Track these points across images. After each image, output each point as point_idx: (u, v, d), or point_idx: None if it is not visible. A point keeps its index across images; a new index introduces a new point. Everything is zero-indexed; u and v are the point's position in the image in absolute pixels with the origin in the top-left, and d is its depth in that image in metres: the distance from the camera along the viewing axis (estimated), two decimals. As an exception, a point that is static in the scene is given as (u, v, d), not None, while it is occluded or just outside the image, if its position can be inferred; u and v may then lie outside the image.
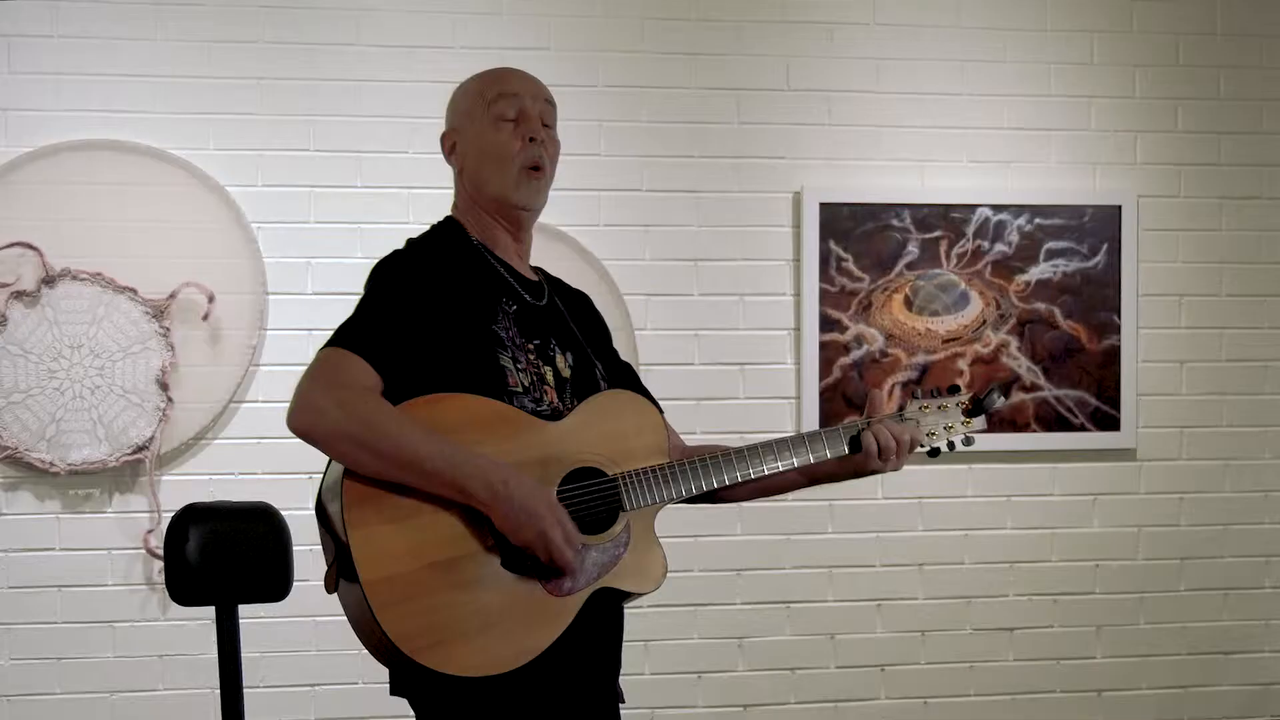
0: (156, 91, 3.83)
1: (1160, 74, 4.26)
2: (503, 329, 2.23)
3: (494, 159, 2.30)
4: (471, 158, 2.33)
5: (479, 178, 2.33)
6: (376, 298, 2.18)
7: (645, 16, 4.04)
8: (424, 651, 2.03)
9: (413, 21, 3.93)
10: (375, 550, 2.04)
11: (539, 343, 2.28)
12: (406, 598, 2.04)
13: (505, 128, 2.31)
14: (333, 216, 3.89)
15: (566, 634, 2.13)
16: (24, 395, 3.72)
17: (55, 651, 3.77)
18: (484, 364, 2.18)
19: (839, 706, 4.10)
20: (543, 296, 2.37)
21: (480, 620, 2.07)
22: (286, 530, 2.32)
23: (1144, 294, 4.22)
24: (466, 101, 2.36)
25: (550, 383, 2.26)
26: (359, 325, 2.15)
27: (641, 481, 2.23)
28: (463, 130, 2.35)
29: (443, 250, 2.28)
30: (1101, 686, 4.23)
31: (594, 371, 2.36)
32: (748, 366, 4.07)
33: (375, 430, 2.04)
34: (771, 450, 2.32)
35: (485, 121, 2.32)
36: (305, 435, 2.09)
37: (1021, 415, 4.16)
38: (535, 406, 2.21)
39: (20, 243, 3.73)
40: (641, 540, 2.22)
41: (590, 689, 2.23)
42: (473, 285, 2.25)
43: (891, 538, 4.13)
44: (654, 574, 2.24)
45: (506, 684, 2.09)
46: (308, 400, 2.08)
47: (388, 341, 2.12)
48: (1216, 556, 4.28)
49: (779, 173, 4.08)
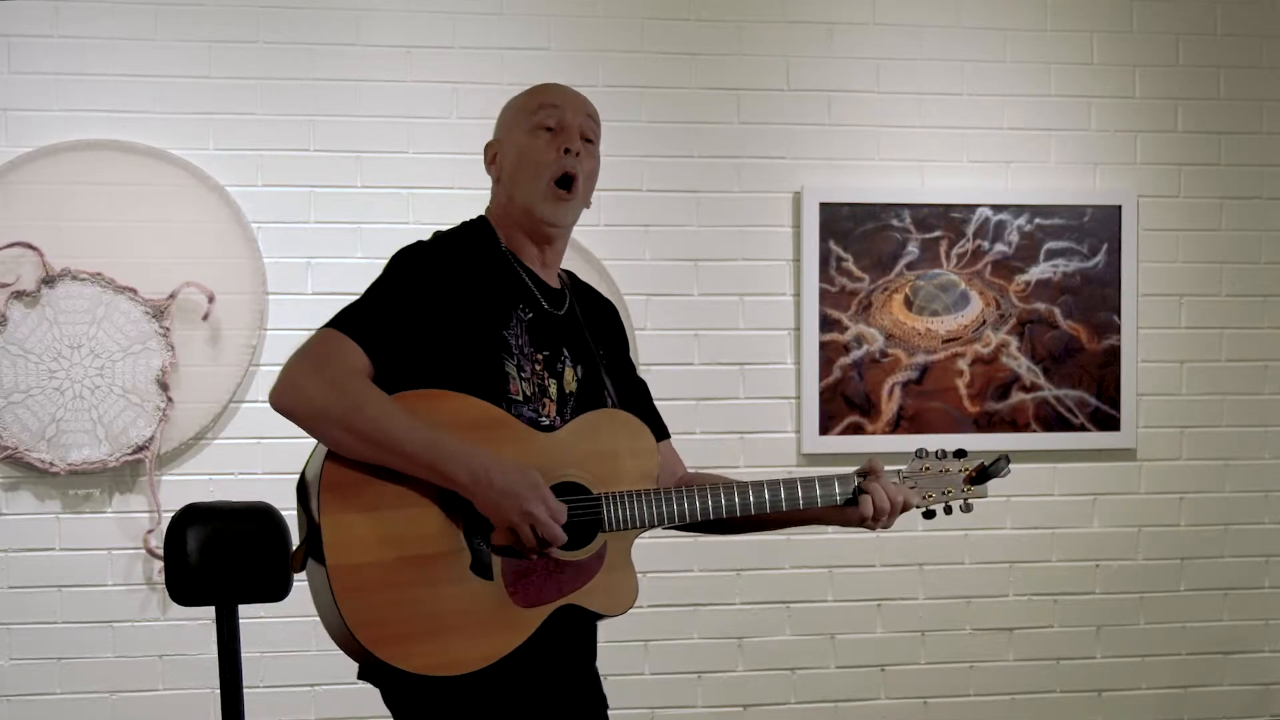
0: (156, 91, 3.83)
1: (1160, 74, 4.26)
2: (513, 335, 2.22)
3: (528, 166, 2.29)
4: (508, 166, 2.33)
5: (512, 185, 2.31)
6: (385, 285, 2.18)
7: (645, 16, 4.04)
8: (381, 644, 2.03)
9: (413, 21, 3.93)
10: (346, 536, 2.05)
11: (549, 354, 2.26)
12: (371, 587, 2.04)
13: (543, 136, 2.31)
14: (333, 216, 3.89)
15: (533, 644, 2.12)
16: (24, 395, 3.72)
17: (55, 651, 3.77)
18: (487, 368, 2.18)
19: (839, 706, 4.10)
20: (562, 306, 2.35)
21: (441, 620, 2.07)
22: (286, 530, 2.32)
23: (1144, 294, 4.22)
24: (510, 113, 2.37)
25: (552, 396, 2.24)
26: (360, 310, 2.15)
27: (624, 503, 2.21)
28: (503, 140, 2.35)
29: (467, 248, 2.27)
30: (1101, 686, 4.23)
31: (602, 389, 2.34)
32: (748, 366, 4.07)
33: (358, 411, 2.04)
34: (762, 491, 2.30)
35: (524, 130, 2.32)
36: (288, 412, 2.08)
37: (1021, 415, 4.16)
38: (534, 417, 2.20)
39: (20, 243, 3.73)
40: (617, 562, 2.22)
41: (557, 703, 2.21)
42: (490, 287, 2.24)
43: (891, 538, 4.13)
44: (623, 598, 2.23)
45: (471, 687, 2.08)
46: (293, 378, 2.09)
47: (385, 330, 2.12)
48: (1216, 556, 4.28)
49: (779, 173, 4.08)
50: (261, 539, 2.31)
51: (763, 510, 2.30)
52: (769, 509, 2.30)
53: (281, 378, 2.10)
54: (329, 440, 2.07)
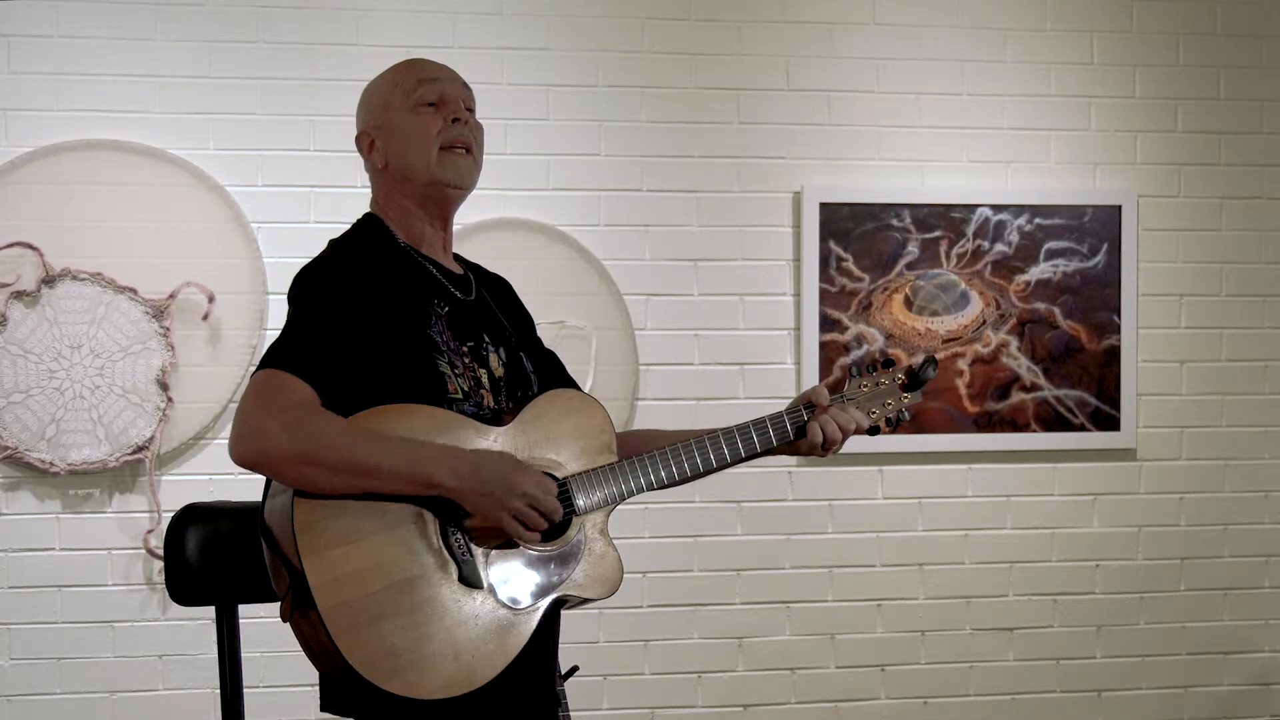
0: (156, 91, 3.83)
1: (1160, 74, 4.26)
2: (436, 333, 2.19)
3: (420, 142, 2.24)
4: (396, 148, 2.26)
5: (405, 165, 2.26)
6: (307, 313, 2.12)
7: (645, 16, 4.04)
8: (389, 677, 1.99)
9: (413, 21, 3.93)
10: (331, 575, 1.99)
11: (472, 344, 2.24)
12: (365, 622, 1.99)
13: (427, 112, 2.26)
14: (333, 216, 3.88)
15: (530, 643, 2.10)
16: (24, 395, 3.72)
17: (55, 651, 3.77)
18: (422, 372, 2.15)
19: (839, 706, 4.10)
20: (470, 290, 2.32)
21: (443, 639, 2.03)
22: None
23: (1144, 294, 4.22)
24: (382, 95, 2.30)
25: (486, 385, 2.23)
26: (292, 344, 2.08)
27: (591, 483, 2.20)
28: (383, 124, 2.28)
29: (369, 253, 2.22)
30: (1101, 686, 4.23)
31: (524, 367, 2.32)
32: (748, 366, 4.07)
33: (325, 445, 1.99)
34: (719, 443, 2.30)
35: (405, 109, 2.26)
36: (254, 464, 2.02)
37: (1021, 415, 4.16)
38: (476, 411, 2.18)
39: (20, 243, 3.73)
40: (596, 543, 2.20)
41: (529, 695, 2.21)
42: (403, 290, 2.20)
43: (891, 538, 4.13)
44: (611, 577, 2.20)
45: (445, 705, 2.04)
46: (251, 427, 2.01)
47: (322, 358, 2.06)
48: (1216, 556, 4.28)
49: (779, 173, 4.08)
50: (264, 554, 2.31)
51: (723, 463, 2.31)
52: (729, 459, 2.31)
53: (238, 429, 2.02)
54: (301, 481, 2.01)
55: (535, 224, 3.94)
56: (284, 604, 2.06)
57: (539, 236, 3.93)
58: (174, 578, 2.33)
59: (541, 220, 3.96)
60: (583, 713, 3.82)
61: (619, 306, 3.96)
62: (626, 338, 3.97)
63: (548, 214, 3.98)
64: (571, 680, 2.36)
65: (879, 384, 2.41)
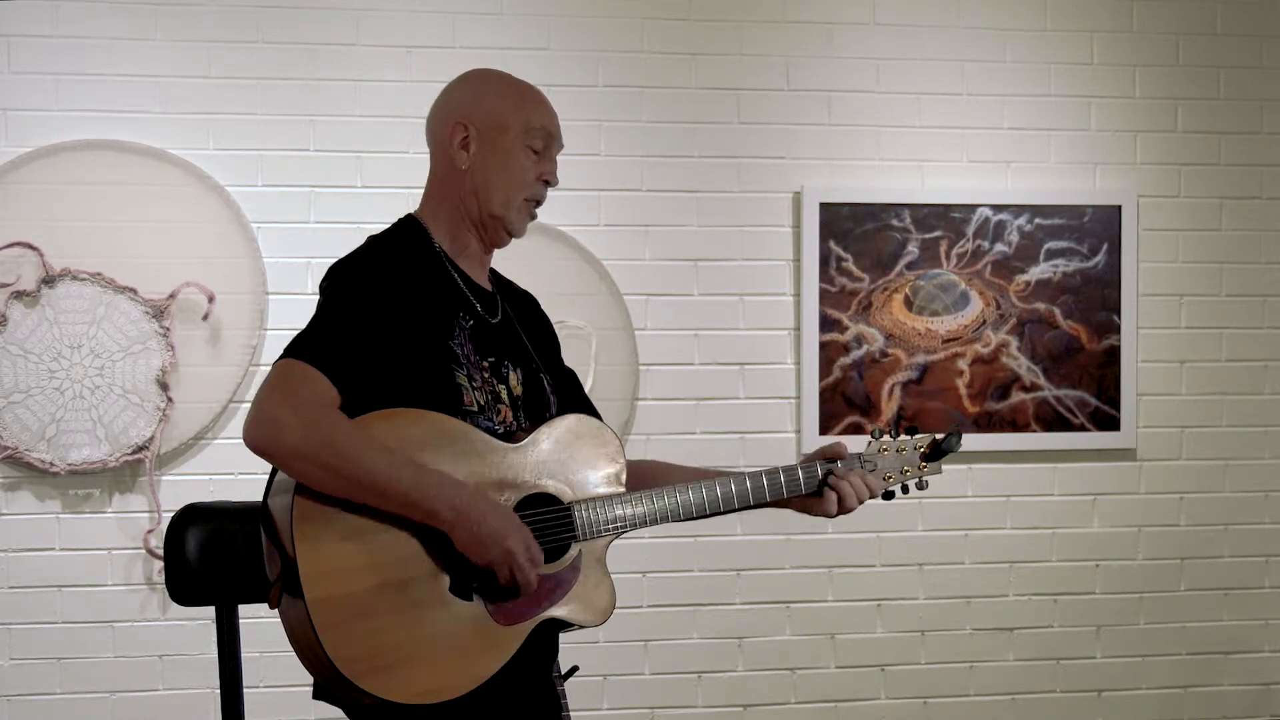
0: (156, 91, 3.83)
1: (1160, 74, 4.26)
2: (459, 345, 2.20)
3: (514, 183, 2.28)
4: (489, 166, 2.28)
5: (487, 186, 2.28)
6: (337, 307, 2.13)
7: (645, 16, 4.04)
8: (366, 676, 1.99)
9: (413, 21, 3.93)
10: (323, 567, 2.00)
11: (493, 360, 2.25)
12: (351, 618, 2.00)
13: (531, 157, 2.29)
14: (333, 216, 3.89)
15: (512, 661, 2.10)
16: (24, 395, 3.72)
17: (55, 651, 3.77)
18: (440, 381, 2.15)
19: (839, 706, 4.10)
20: (496, 312, 2.33)
21: (425, 646, 2.04)
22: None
23: (1144, 294, 4.22)
24: (502, 110, 2.30)
25: (505, 401, 2.23)
26: (319, 336, 2.09)
27: (595, 511, 2.21)
28: (488, 135, 2.28)
29: (404, 257, 2.23)
30: (1101, 686, 4.23)
31: (543, 388, 2.33)
32: (748, 366, 4.07)
33: (337, 451, 2.00)
34: (729, 485, 2.31)
35: (519, 144, 2.29)
36: (264, 452, 2.03)
37: (1021, 415, 4.16)
38: (491, 425, 2.19)
39: (20, 243, 3.73)
40: (592, 571, 2.20)
41: (529, 696, 2.21)
42: (432, 298, 2.20)
43: (891, 538, 4.13)
44: (601, 607, 2.21)
45: (440, 707, 2.05)
46: (269, 414, 2.02)
47: (348, 356, 2.06)
48: (1216, 556, 4.28)
49: (779, 173, 4.08)
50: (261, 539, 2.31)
51: (730, 506, 2.32)
52: (736, 504, 2.32)
53: (255, 414, 2.03)
54: (306, 478, 2.02)
55: (535, 224, 3.93)
56: (273, 590, 2.08)
57: (539, 236, 3.93)
58: (174, 578, 2.33)
59: (541, 220, 3.93)
60: (583, 713, 3.82)
61: (619, 306, 3.96)
62: (626, 338, 3.97)
63: (548, 214, 3.92)
64: (571, 680, 2.36)
65: (900, 450, 2.42)
